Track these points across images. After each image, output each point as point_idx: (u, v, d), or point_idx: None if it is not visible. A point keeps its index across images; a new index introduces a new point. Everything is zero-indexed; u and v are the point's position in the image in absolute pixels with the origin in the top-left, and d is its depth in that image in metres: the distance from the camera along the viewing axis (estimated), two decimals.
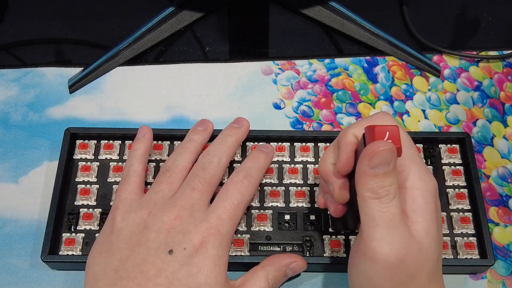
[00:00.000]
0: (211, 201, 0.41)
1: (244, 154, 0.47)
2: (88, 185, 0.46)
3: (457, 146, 0.47)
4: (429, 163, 0.47)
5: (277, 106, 0.52)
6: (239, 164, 0.45)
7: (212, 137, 0.46)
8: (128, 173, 0.43)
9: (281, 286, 0.42)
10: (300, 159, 0.47)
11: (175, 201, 0.40)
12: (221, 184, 0.44)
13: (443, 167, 0.47)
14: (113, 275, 0.37)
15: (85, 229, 0.44)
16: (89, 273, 0.39)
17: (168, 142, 0.48)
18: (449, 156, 0.47)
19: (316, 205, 0.45)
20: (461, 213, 0.45)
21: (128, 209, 0.40)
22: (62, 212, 0.45)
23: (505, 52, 0.55)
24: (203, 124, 0.46)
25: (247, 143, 0.47)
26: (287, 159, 0.47)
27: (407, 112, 0.52)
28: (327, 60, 0.55)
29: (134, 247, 0.38)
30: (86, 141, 0.47)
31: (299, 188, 0.45)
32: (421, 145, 0.48)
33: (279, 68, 0.54)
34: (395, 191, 0.32)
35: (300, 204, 0.45)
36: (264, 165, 0.45)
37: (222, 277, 0.38)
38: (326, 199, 0.39)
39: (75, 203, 0.45)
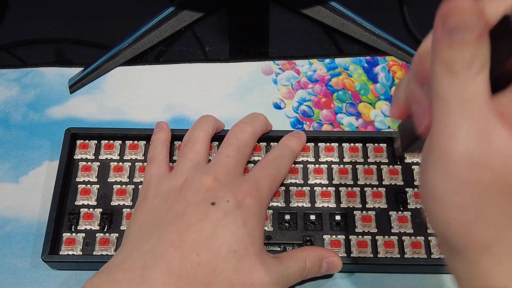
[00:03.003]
0: None
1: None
2: (88, 185, 0.46)
3: None
4: None
5: (277, 106, 0.52)
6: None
7: (216, 138, 0.46)
8: (153, 154, 0.44)
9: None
10: (300, 159, 0.47)
11: (210, 168, 0.40)
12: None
13: None
14: (151, 226, 0.37)
15: (86, 229, 0.44)
16: (126, 234, 0.39)
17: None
18: None
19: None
20: None
21: (161, 181, 0.41)
22: (63, 212, 0.45)
23: None
24: None
25: None
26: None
27: None
28: (327, 60, 0.55)
29: (173, 203, 0.38)
30: (87, 141, 0.47)
31: (300, 188, 0.45)
32: None
33: (279, 68, 0.54)
34: (481, 67, 0.24)
35: (300, 204, 0.45)
36: (296, 148, 0.45)
37: (262, 237, 0.38)
38: (416, 109, 0.28)
39: (75, 203, 0.45)
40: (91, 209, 0.45)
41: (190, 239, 0.36)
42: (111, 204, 0.45)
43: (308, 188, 0.45)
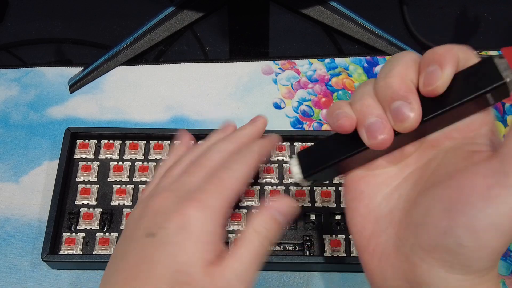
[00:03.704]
0: None
1: None
2: (88, 185, 0.46)
3: None
4: None
5: (277, 106, 0.52)
6: None
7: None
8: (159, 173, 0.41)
9: (276, 282, 0.42)
10: None
11: (166, 187, 0.39)
12: None
13: None
14: (115, 265, 0.37)
15: (86, 228, 0.44)
16: (105, 271, 0.39)
17: (168, 142, 0.48)
18: None
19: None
20: None
21: (135, 208, 0.40)
22: (63, 212, 0.45)
23: None
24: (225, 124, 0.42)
25: None
26: (287, 158, 0.47)
27: None
28: (327, 60, 0.55)
29: (128, 236, 0.37)
30: (87, 140, 0.48)
31: (300, 187, 0.45)
32: None
33: (279, 68, 0.54)
34: None
35: (300, 204, 0.45)
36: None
37: (209, 254, 0.35)
38: (374, 121, 0.30)
39: (75, 203, 0.45)
40: (91, 209, 0.45)
41: (130, 280, 0.35)
42: (111, 203, 0.45)
43: (308, 188, 0.45)
